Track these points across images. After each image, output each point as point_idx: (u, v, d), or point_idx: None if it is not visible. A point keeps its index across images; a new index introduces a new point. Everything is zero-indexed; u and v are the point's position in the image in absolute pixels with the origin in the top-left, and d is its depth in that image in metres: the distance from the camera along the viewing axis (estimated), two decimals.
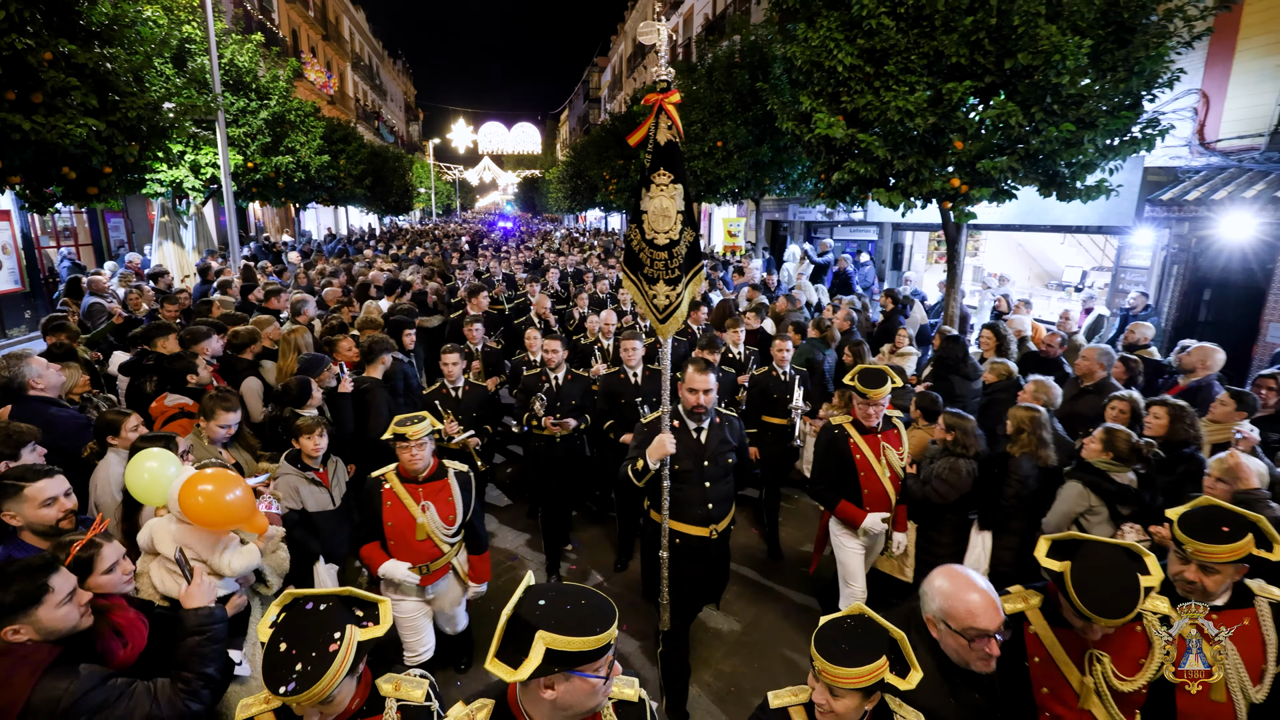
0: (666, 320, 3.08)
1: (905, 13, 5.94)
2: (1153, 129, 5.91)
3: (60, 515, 2.35)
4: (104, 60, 5.62)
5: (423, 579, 3.17)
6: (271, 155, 11.84)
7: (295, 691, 1.46)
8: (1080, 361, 4.85)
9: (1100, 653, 2.03)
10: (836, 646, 1.64)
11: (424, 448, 3.10)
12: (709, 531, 3.30)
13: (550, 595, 1.46)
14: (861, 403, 3.61)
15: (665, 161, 2.93)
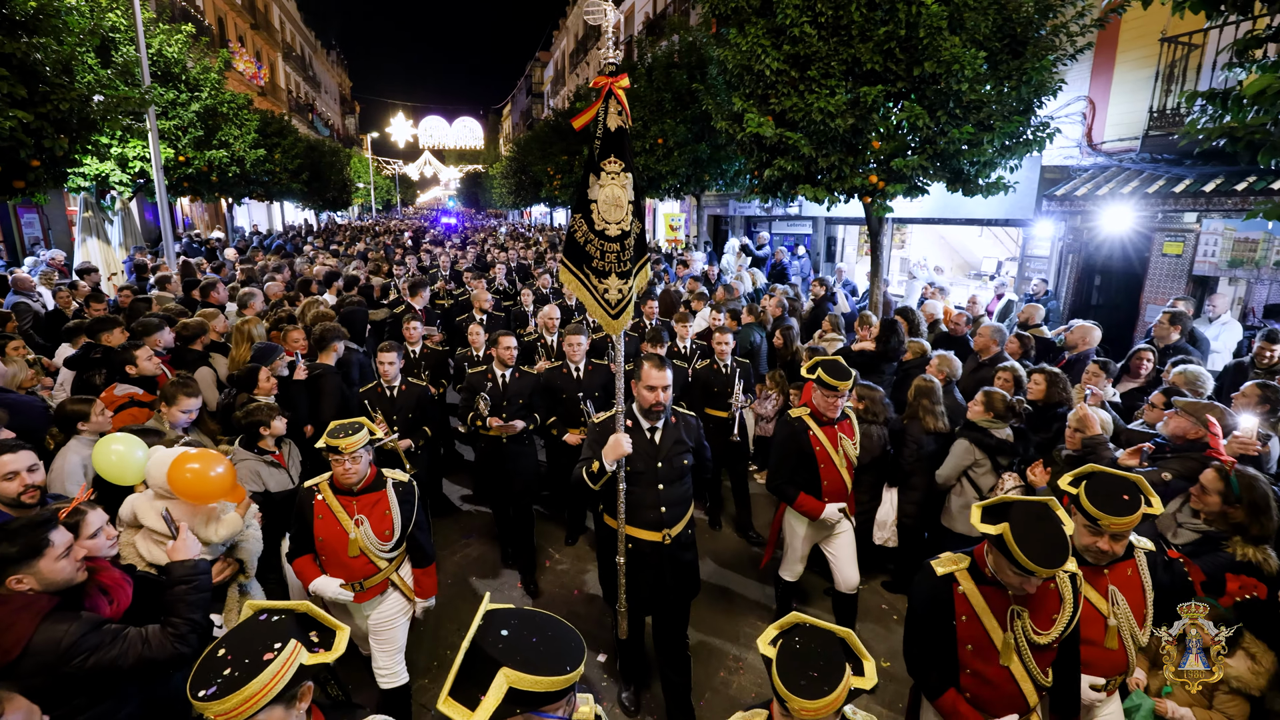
0: (620, 315, 2.93)
1: (825, 22, 6.44)
2: (1043, 131, 6.62)
3: (21, 489, 2.47)
4: (32, 50, 5.51)
5: (357, 595, 2.94)
6: (204, 149, 11.51)
7: (213, 697, 1.31)
8: (977, 339, 5.46)
9: (1020, 608, 2.16)
10: (804, 677, 1.55)
11: (359, 460, 2.85)
12: (661, 536, 3.16)
13: (513, 624, 1.33)
14: (827, 395, 3.56)
15: (615, 148, 2.80)
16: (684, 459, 3.22)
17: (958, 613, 2.21)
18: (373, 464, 2.97)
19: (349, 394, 4.52)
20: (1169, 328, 5.56)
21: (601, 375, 5.00)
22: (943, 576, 2.25)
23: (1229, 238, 7.32)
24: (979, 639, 2.18)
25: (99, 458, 2.70)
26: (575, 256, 2.95)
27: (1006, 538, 2.02)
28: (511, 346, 4.61)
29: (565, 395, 4.82)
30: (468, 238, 22.33)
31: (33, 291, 7.48)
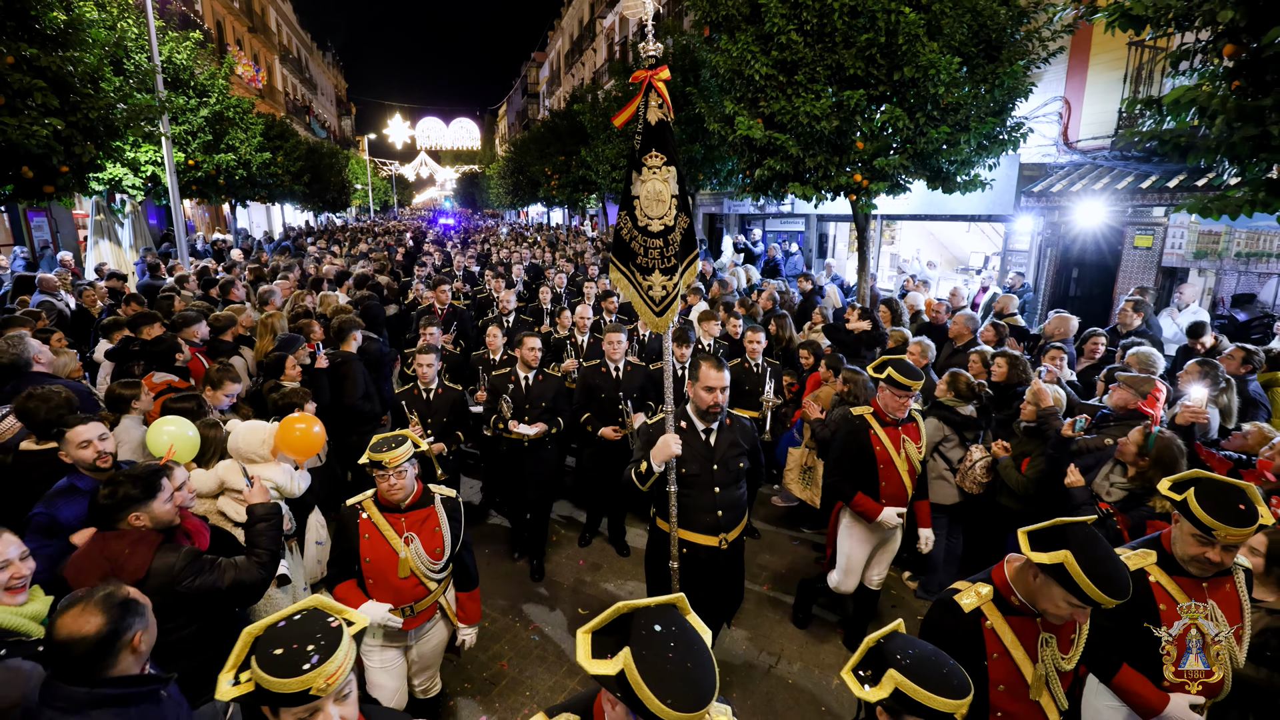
0: (664, 312, 2.88)
1: (810, 29, 6.81)
2: (1017, 131, 7.02)
3: (95, 456, 2.84)
4: (64, 63, 5.86)
5: (406, 621, 2.79)
6: (212, 153, 11.85)
7: (318, 665, 1.36)
8: (952, 326, 5.85)
9: (1048, 635, 2.03)
10: (940, 677, 1.59)
11: (404, 475, 2.68)
12: (718, 541, 3.10)
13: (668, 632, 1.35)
14: (898, 394, 3.45)
15: (657, 142, 2.74)
16: (740, 461, 3.14)
17: (988, 650, 2.02)
18: (418, 478, 2.84)
19: (370, 380, 4.88)
20: (1132, 314, 5.96)
21: (640, 375, 4.91)
22: (971, 613, 2.04)
23: (1194, 230, 7.72)
24: (1011, 677, 2.01)
25: (151, 438, 3.05)
26: (622, 254, 2.90)
27: (1070, 567, 1.82)
28: (535, 348, 4.53)
29: (604, 395, 4.69)
30: (467, 238, 22.66)
31: (57, 292, 7.83)
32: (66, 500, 2.55)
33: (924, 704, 1.54)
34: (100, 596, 1.62)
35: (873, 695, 1.64)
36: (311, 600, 1.53)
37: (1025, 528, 2.02)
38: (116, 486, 2.21)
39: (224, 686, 1.42)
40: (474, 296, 8.37)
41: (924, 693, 1.54)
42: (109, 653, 1.60)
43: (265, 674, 1.36)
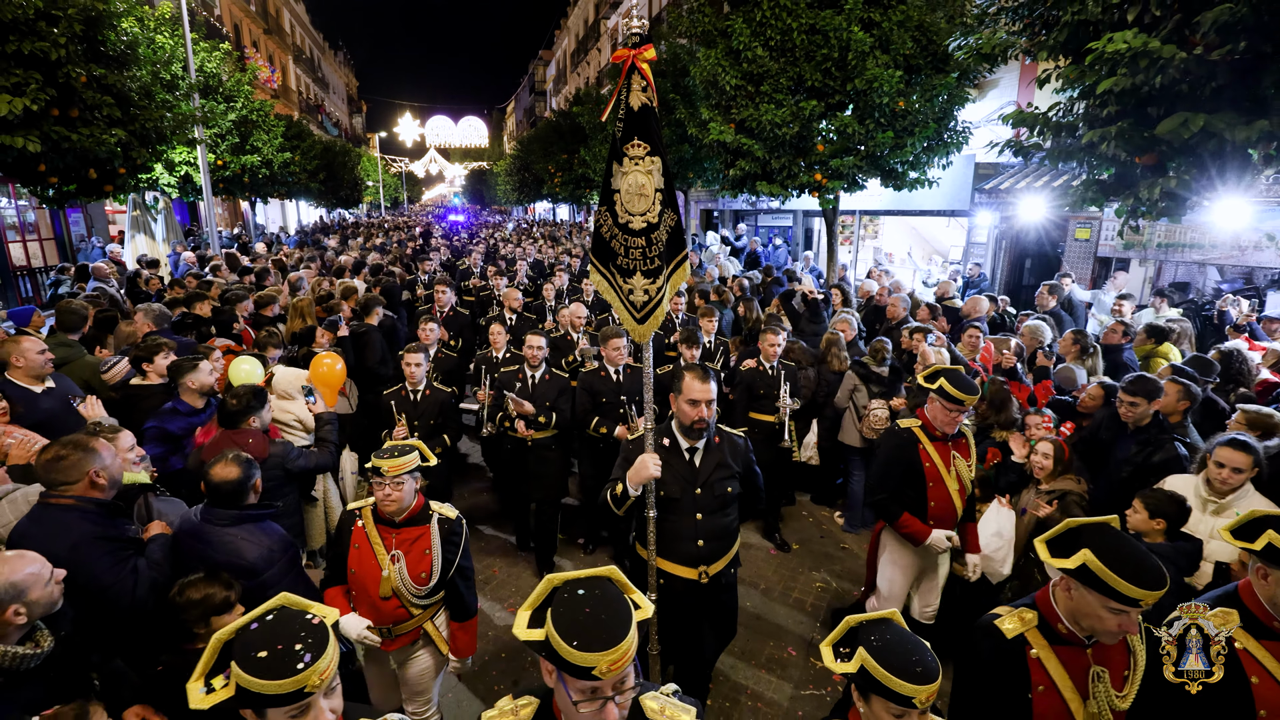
0: (646, 319, 2.62)
1: (774, 45, 7.70)
2: (959, 135, 7.87)
3: (212, 382, 3.82)
4: (126, 81, 6.84)
5: (385, 643, 2.60)
6: (239, 154, 12.87)
7: (311, 663, 1.36)
8: (889, 308, 6.72)
9: (1101, 669, 1.87)
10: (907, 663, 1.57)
11: (402, 487, 2.51)
12: (697, 574, 2.80)
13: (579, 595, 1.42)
14: (949, 408, 3.15)
15: (640, 129, 2.45)
16: (727, 486, 2.82)
17: (1034, 683, 1.87)
18: (420, 494, 2.65)
19: (387, 348, 5.81)
20: (1047, 296, 6.83)
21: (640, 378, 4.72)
22: (1014, 640, 1.90)
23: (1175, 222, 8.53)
24: (1058, 713, 1.86)
25: (233, 371, 4.02)
26: (602, 253, 2.64)
27: (1093, 565, 1.73)
28: (537, 346, 4.51)
29: (605, 400, 4.57)
30: (475, 233, 23.62)
31: (108, 279, 8.84)
32: (172, 418, 3.52)
33: (884, 684, 1.55)
34: (235, 455, 2.56)
35: (839, 668, 1.67)
36: (278, 600, 1.50)
37: (1042, 537, 1.93)
38: (241, 398, 3.18)
39: (196, 695, 1.38)
40: (476, 293, 8.54)
41: (884, 672, 1.56)
42: (243, 491, 2.53)
43: (254, 677, 1.33)
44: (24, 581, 1.83)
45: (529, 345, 4.55)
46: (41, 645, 1.87)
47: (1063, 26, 3.68)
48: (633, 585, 1.53)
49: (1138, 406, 3.68)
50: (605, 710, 1.36)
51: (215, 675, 1.43)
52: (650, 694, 1.61)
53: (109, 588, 2.31)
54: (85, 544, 2.23)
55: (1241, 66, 2.94)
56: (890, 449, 3.38)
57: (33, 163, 6.16)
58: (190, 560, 2.43)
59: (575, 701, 1.36)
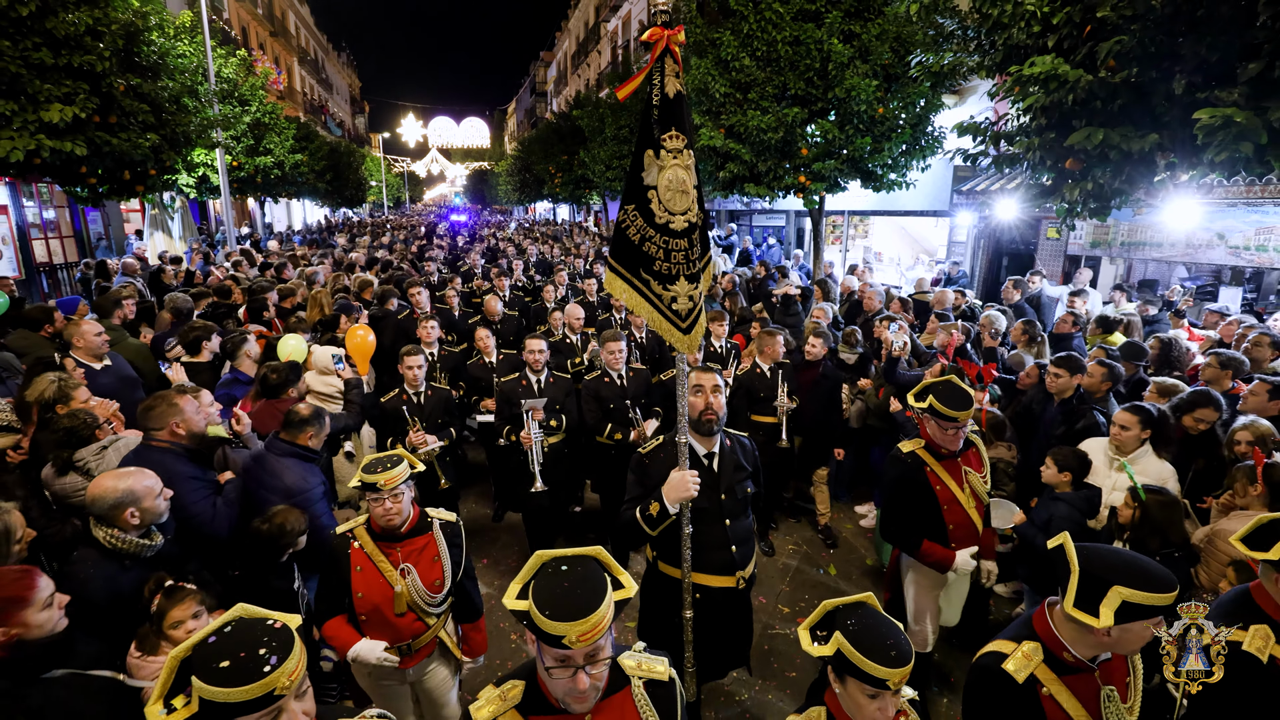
0: (692, 328, 2.43)
1: (760, 56, 8.24)
2: (933, 140, 8.41)
3: (258, 355, 4.38)
4: (159, 90, 7.39)
5: (404, 660, 2.56)
6: (253, 156, 13.43)
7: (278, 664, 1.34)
8: (865, 300, 7.26)
9: (1110, 688, 1.84)
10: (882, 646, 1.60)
11: (400, 499, 2.47)
12: (735, 580, 2.76)
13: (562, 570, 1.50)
14: (945, 426, 3.01)
15: (676, 119, 2.28)
16: (746, 486, 2.82)
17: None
18: (415, 502, 2.63)
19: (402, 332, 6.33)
20: (1012, 291, 7.37)
21: (644, 381, 4.74)
22: (1026, 682, 1.82)
23: (1090, 223, 9.07)
24: None
25: (281, 348, 4.58)
26: (628, 259, 2.40)
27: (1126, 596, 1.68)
28: (538, 350, 4.42)
29: (612, 405, 4.51)
30: (475, 233, 24.14)
31: (135, 274, 9.40)
32: (234, 386, 4.10)
33: (859, 666, 1.58)
34: (305, 406, 3.14)
35: (816, 650, 1.70)
36: (234, 611, 1.47)
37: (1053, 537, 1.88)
38: (280, 371, 3.73)
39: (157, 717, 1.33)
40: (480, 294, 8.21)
41: (859, 655, 1.58)
42: (303, 429, 3.12)
43: (219, 687, 1.30)
44: (140, 491, 2.37)
45: (530, 350, 4.43)
46: (153, 541, 2.41)
47: (997, 50, 4.23)
48: (619, 566, 1.59)
49: (1060, 378, 4.23)
50: (576, 678, 1.45)
51: (175, 695, 1.36)
52: (625, 653, 1.71)
53: (194, 516, 2.85)
54: (176, 480, 2.77)
55: (1138, 87, 3.47)
56: (895, 477, 3.20)
57: (75, 165, 6.71)
58: (250, 483, 3.00)
59: (548, 668, 1.47)
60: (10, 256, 13.24)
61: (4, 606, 1.70)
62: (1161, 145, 3.46)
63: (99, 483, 2.32)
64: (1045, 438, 4.26)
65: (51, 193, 14.71)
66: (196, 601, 2.26)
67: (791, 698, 3.75)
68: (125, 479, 2.35)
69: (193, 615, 2.23)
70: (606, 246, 14.36)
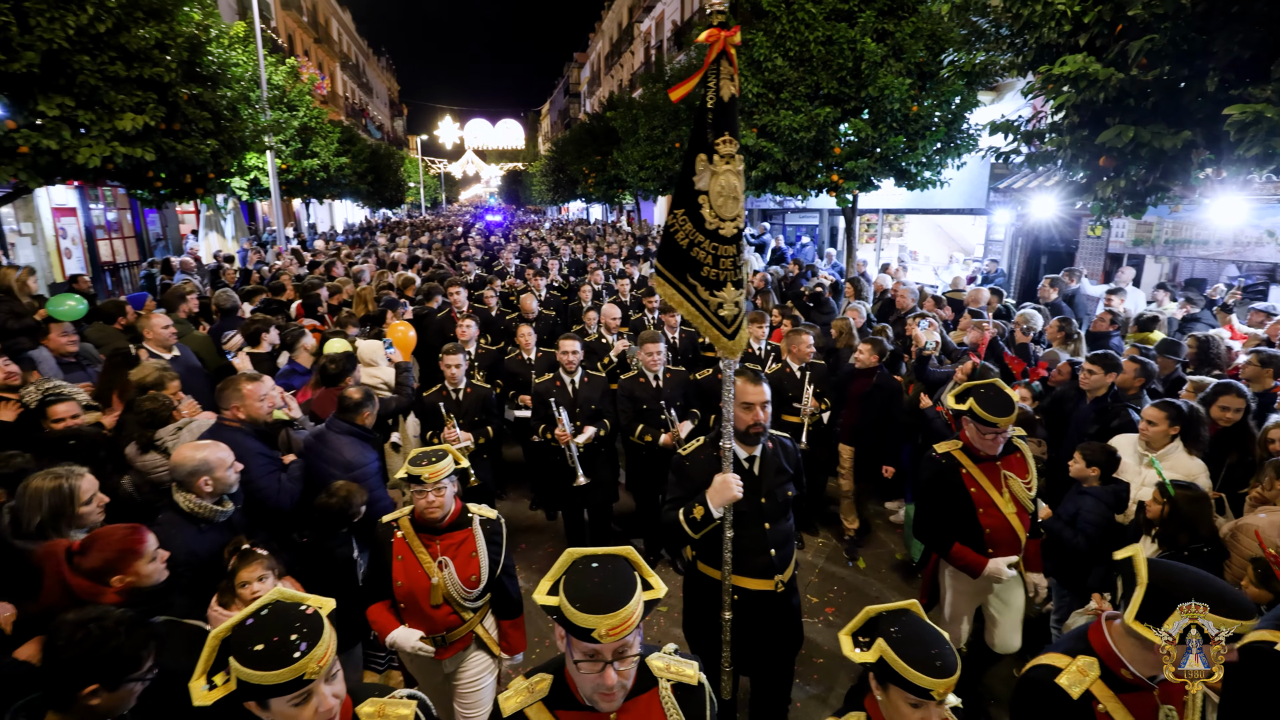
0: (736, 334, 2.46)
1: (793, 56, 8.29)
2: (968, 138, 8.34)
3: (314, 348, 4.68)
4: (218, 98, 7.83)
5: (439, 652, 2.63)
6: (301, 159, 14.01)
7: (308, 650, 1.39)
8: (898, 299, 7.27)
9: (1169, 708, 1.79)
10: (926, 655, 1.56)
11: (443, 492, 2.55)
12: (774, 584, 2.76)
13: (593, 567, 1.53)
14: (984, 431, 2.97)
15: (729, 124, 2.28)
16: (787, 490, 2.82)
17: None
18: (457, 497, 2.70)
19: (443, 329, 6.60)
20: (1049, 289, 7.30)
21: (680, 381, 4.74)
22: (1081, 699, 1.77)
23: (1133, 221, 8.88)
24: None
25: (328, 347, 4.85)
26: (676, 263, 2.41)
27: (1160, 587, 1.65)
28: (571, 351, 4.43)
29: (646, 406, 4.52)
30: (509, 232, 24.57)
31: (193, 271, 9.95)
32: (291, 376, 4.39)
33: (902, 675, 1.56)
34: (359, 387, 3.41)
35: (858, 657, 1.67)
36: (271, 595, 1.54)
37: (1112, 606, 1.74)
38: (338, 361, 4.00)
39: (199, 692, 1.41)
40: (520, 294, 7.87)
41: (902, 664, 1.55)
42: (359, 411, 3.37)
43: (254, 670, 1.37)
44: (214, 462, 2.62)
45: (563, 350, 4.45)
46: (225, 508, 2.67)
47: (1029, 49, 4.25)
48: (648, 567, 1.61)
49: (1094, 375, 4.23)
50: (604, 674, 1.46)
51: (216, 672, 1.45)
52: (655, 654, 1.70)
53: (260, 490, 3.11)
54: (246, 456, 3.02)
55: (1170, 85, 3.47)
56: (928, 478, 3.20)
57: (143, 170, 7.16)
58: (311, 459, 3.26)
59: (577, 661, 1.49)
60: (79, 256, 14.08)
61: (121, 557, 1.96)
62: (1195, 142, 3.46)
63: (180, 451, 2.59)
64: (1077, 435, 4.26)
65: (115, 196, 15.57)
66: (263, 565, 2.50)
67: (819, 683, 3.86)
68: (202, 450, 2.61)
69: (258, 578, 2.47)
70: (639, 246, 14.53)
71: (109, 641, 1.62)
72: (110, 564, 1.97)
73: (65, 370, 4.44)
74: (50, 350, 4.47)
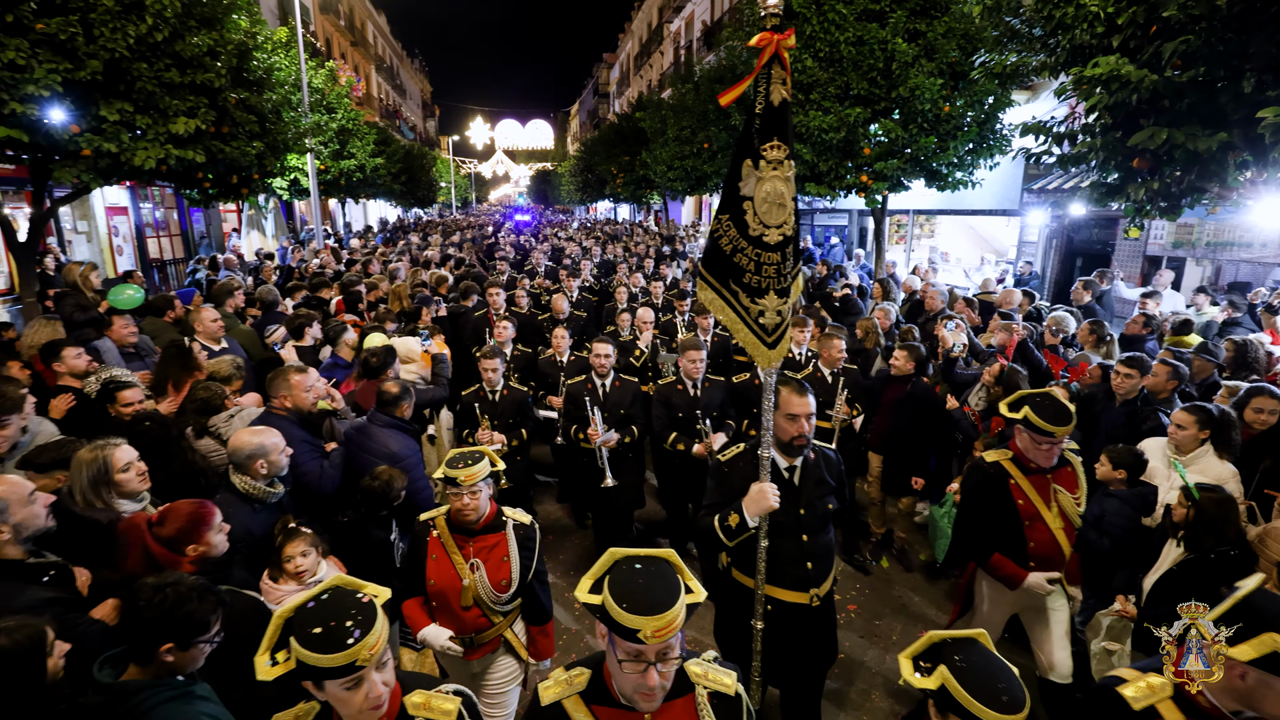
0: (777, 343, 2.46)
1: (823, 57, 8.30)
2: (1001, 138, 8.25)
3: (355, 343, 4.89)
4: (263, 102, 8.14)
5: (467, 653, 2.66)
6: (338, 160, 14.42)
7: (360, 638, 1.44)
8: (926, 300, 7.24)
9: None
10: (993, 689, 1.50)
11: (479, 495, 2.57)
12: (809, 597, 2.72)
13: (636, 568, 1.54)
14: (1039, 440, 2.89)
15: (779, 129, 2.27)
16: (828, 502, 2.77)
17: None
18: (493, 499, 2.72)
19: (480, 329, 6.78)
20: (1082, 292, 7.19)
21: (719, 391, 4.65)
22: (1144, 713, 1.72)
23: (1173, 223, 8.67)
24: None
25: (368, 341, 5.06)
26: (719, 269, 2.43)
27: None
28: (604, 355, 4.43)
29: (681, 414, 4.46)
30: (538, 232, 24.85)
31: (235, 268, 10.35)
32: (333, 370, 4.59)
33: (966, 708, 1.50)
34: (396, 380, 3.56)
35: (919, 683, 1.62)
36: (333, 580, 1.61)
37: (1205, 621, 1.69)
38: (379, 355, 4.19)
39: (262, 667, 1.49)
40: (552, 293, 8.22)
41: (967, 696, 1.50)
42: (397, 403, 3.53)
43: (310, 651, 1.43)
44: (269, 446, 2.80)
45: (595, 354, 4.45)
46: (276, 490, 2.85)
47: (1061, 50, 4.23)
48: (689, 572, 1.61)
49: (1131, 379, 4.20)
50: (647, 674, 1.47)
51: (279, 650, 1.52)
52: (693, 660, 1.70)
53: (304, 475, 3.29)
54: (292, 443, 3.20)
55: (1206, 86, 3.44)
56: (973, 486, 3.15)
57: (193, 171, 7.49)
58: (353, 449, 3.43)
59: (620, 661, 1.50)
60: (130, 253, 14.73)
61: (192, 526, 2.14)
62: (1231, 144, 3.42)
63: (239, 436, 2.77)
64: (1107, 438, 4.23)
65: (163, 195, 16.22)
66: (307, 542, 2.67)
67: (837, 677, 3.90)
68: (259, 435, 2.79)
69: (302, 553, 2.65)
70: (665, 246, 14.61)
71: (183, 605, 1.78)
72: (184, 532, 2.15)
73: (126, 360, 4.71)
74: (113, 341, 4.74)
